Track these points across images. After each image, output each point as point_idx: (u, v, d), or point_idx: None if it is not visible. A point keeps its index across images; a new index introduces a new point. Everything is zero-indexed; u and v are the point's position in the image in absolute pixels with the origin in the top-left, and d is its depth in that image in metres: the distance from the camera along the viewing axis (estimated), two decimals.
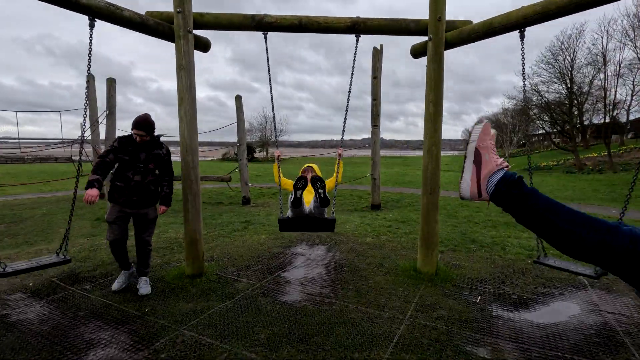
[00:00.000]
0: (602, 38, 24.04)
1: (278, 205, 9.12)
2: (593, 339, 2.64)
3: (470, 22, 3.73)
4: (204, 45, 4.04)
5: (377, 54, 8.36)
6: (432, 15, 3.67)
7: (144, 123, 3.29)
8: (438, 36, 3.68)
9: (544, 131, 35.51)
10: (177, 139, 3.87)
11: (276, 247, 5.05)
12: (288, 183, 4.00)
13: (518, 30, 3.19)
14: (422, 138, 3.97)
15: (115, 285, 3.49)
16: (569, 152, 28.24)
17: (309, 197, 3.83)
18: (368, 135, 8.98)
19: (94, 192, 2.97)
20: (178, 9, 3.55)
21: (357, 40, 3.83)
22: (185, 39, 3.60)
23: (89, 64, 3.11)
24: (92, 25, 3.01)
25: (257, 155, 46.64)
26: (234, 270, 4.10)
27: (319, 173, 4.01)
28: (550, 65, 27.38)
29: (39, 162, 30.45)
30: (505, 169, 1.13)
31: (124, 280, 3.53)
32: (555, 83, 27.68)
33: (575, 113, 26.96)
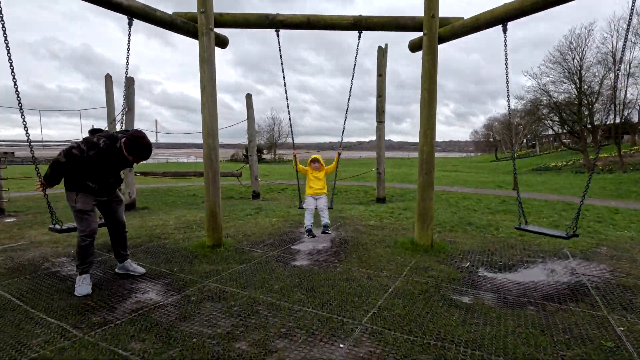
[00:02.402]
0: (611, 37, 24.03)
1: (297, 191, 9.57)
2: (564, 291, 3.02)
3: (462, 18, 4.14)
4: (222, 42, 4.52)
5: (382, 52, 8.77)
6: (427, 12, 4.09)
7: (148, 156, 3.12)
8: (432, 31, 4.09)
9: (553, 132, 35.42)
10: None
11: (286, 227, 5.49)
12: (302, 169, 4.63)
13: (501, 24, 3.59)
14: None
15: (86, 290, 2.99)
16: (578, 153, 28.08)
17: (318, 184, 4.53)
18: (375, 137, 9.02)
19: None
20: (201, 10, 4.04)
21: (359, 37, 4.27)
22: (207, 36, 4.08)
23: (127, 63, 3.63)
24: (130, 24, 3.51)
25: (265, 156, 47.34)
26: (249, 243, 4.55)
27: (321, 160, 4.54)
28: (558, 65, 27.42)
29: (45, 163, 30.90)
30: None
31: (90, 282, 3.09)
32: (565, 83, 27.70)
33: (586, 113, 26.90)
